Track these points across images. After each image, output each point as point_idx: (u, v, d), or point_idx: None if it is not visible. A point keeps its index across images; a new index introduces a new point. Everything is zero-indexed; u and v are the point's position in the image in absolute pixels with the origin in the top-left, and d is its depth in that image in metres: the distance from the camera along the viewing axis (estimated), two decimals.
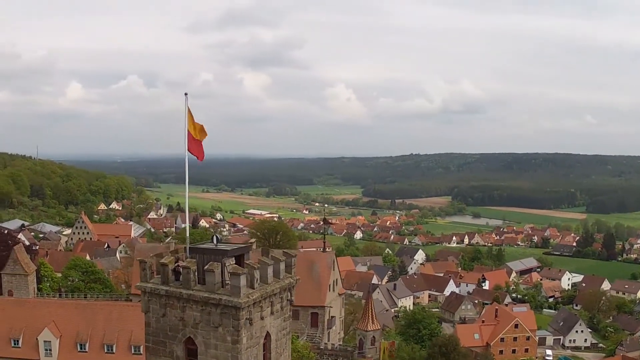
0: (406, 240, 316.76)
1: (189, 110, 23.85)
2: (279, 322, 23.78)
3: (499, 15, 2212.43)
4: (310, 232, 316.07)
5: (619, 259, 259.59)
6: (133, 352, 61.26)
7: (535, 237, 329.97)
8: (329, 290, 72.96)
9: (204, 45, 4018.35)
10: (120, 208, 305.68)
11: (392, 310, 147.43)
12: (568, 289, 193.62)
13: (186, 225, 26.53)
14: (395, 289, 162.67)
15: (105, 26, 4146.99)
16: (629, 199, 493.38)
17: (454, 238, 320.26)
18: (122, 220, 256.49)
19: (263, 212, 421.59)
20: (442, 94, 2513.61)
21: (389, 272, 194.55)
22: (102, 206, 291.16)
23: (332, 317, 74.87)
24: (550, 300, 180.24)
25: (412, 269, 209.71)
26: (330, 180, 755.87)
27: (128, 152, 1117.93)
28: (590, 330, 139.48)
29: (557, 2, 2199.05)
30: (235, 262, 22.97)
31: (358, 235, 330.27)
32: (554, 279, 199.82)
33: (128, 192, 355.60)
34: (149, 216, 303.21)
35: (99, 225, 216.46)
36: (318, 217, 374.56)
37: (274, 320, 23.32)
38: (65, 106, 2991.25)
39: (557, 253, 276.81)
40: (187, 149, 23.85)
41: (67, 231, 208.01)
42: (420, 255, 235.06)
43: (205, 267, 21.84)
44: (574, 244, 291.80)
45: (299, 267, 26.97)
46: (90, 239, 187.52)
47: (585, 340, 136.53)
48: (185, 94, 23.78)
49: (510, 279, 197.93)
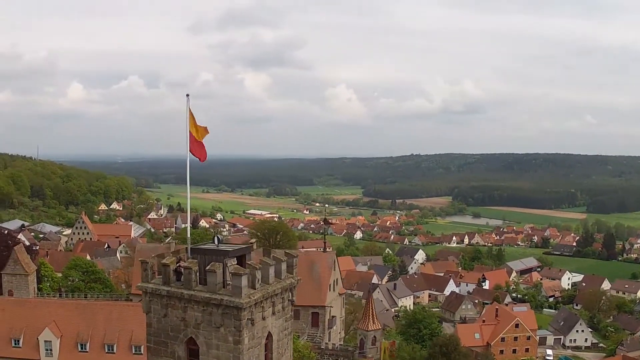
0: (406, 240, 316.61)
1: (190, 111, 23.88)
2: (280, 322, 23.82)
3: (499, 16, 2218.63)
4: (310, 232, 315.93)
5: (619, 258, 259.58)
6: (134, 352, 61.33)
7: (536, 237, 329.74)
8: (330, 290, 73.02)
9: (205, 45, 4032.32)
10: (121, 208, 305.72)
11: (393, 310, 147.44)
12: (568, 289, 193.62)
13: (188, 225, 26.45)
14: (395, 289, 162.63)
15: (106, 27, 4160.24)
16: (629, 199, 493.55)
17: (454, 238, 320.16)
18: (122, 220, 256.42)
19: (263, 212, 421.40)
20: (442, 94, 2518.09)
21: (389, 271, 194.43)
22: (103, 206, 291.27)
23: (333, 317, 74.91)
24: (551, 299, 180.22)
25: (412, 268, 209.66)
26: (331, 180, 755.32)
27: (128, 153, 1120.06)
28: (590, 330, 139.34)
29: (557, 3, 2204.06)
30: (236, 263, 23.03)
31: (358, 235, 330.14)
32: (554, 279, 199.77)
33: (128, 193, 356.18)
34: (149, 216, 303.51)
35: (99, 225, 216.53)
36: (318, 217, 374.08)
37: (275, 320, 23.36)
38: (66, 106, 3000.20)
39: (557, 253, 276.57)
40: (189, 150, 23.87)
41: (67, 231, 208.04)
42: (421, 255, 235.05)
43: (206, 267, 21.88)
44: (574, 243, 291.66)
45: (300, 267, 27.00)
46: (91, 239, 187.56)
47: (586, 340, 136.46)
48: (187, 96, 23.81)
49: (511, 279, 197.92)
